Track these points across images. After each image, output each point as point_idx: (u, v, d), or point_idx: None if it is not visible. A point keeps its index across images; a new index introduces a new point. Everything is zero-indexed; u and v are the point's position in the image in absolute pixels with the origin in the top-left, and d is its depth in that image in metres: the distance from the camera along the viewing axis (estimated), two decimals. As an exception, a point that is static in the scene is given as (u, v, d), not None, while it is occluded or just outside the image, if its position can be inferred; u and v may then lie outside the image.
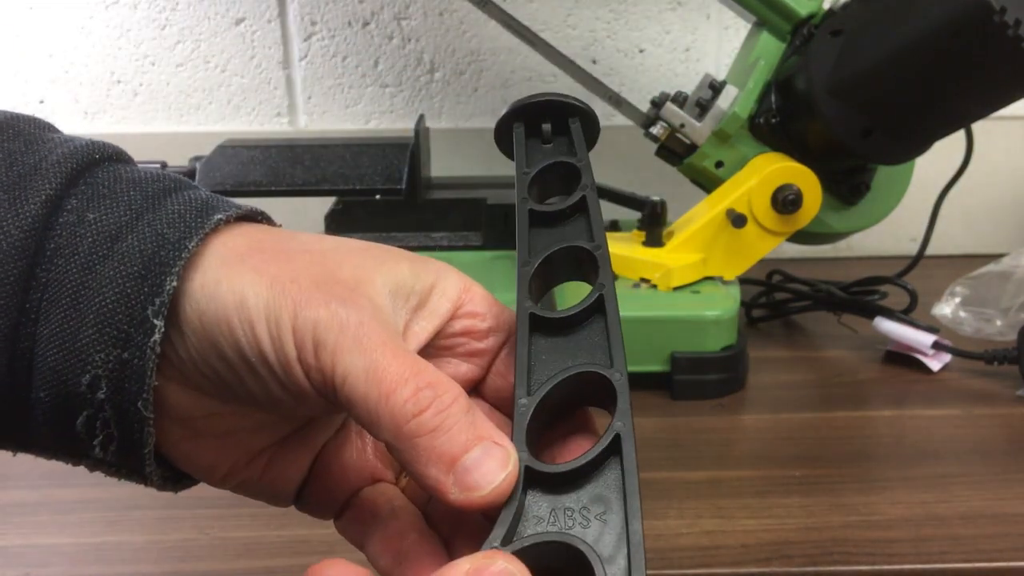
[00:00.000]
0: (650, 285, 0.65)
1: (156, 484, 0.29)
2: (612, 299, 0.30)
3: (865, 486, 0.51)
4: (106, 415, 0.26)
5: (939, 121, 0.62)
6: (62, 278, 0.25)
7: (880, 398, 0.63)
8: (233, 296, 0.26)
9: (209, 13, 0.88)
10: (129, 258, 0.26)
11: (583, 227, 0.34)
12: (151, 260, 0.26)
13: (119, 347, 0.25)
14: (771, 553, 0.44)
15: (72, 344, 0.25)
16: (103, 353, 0.25)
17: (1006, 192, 0.93)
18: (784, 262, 0.80)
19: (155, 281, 0.25)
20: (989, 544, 0.45)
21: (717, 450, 0.55)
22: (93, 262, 0.26)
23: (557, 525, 0.26)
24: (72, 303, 0.25)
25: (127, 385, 0.26)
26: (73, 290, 0.25)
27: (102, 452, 0.27)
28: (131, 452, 0.27)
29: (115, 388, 0.26)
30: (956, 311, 0.69)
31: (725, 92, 0.66)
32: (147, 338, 0.25)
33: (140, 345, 0.25)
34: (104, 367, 0.25)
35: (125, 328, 0.25)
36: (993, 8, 0.52)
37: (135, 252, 0.26)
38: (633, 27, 0.89)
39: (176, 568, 0.45)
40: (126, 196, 0.27)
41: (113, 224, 0.26)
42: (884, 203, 0.69)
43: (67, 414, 0.26)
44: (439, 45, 0.90)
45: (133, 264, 0.26)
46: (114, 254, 0.26)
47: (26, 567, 0.44)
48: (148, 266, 0.25)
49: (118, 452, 0.27)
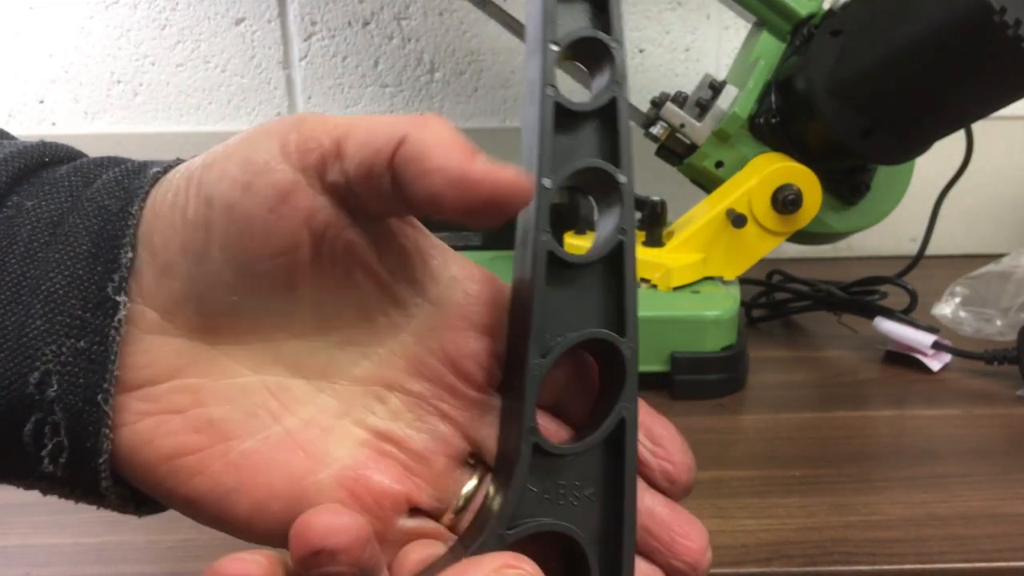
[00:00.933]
0: (650, 285, 0.65)
1: (114, 504, 0.26)
2: (631, 251, 0.26)
3: (865, 486, 0.51)
4: (56, 418, 0.24)
5: (939, 121, 0.62)
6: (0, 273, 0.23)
7: (880, 398, 0.62)
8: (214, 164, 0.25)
9: (209, 13, 0.88)
10: (75, 238, 0.24)
11: (605, 139, 0.27)
12: (99, 236, 0.24)
13: (73, 336, 0.23)
14: (771, 553, 0.44)
15: (16, 341, 0.23)
16: (54, 345, 0.23)
17: (1006, 192, 0.93)
18: (784, 262, 0.80)
19: (108, 256, 0.24)
20: (989, 544, 0.45)
21: (717, 450, 0.55)
22: (34, 250, 0.24)
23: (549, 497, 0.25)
24: (13, 297, 0.23)
25: (82, 379, 0.23)
26: (13, 283, 0.23)
27: (51, 464, 0.24)
28: (84, 462, 0.24)
29: (67, 384, 0.23)
30: (956, 311, 0.69)
31: (725, 92, 0.66)
32: (109, 319, 0.23)
33: (99, 329, 0.23)
34: (56, 360, 0.23)
35: (79, 314, 0.23)
36: (993, 8, 0.52)
37: (80, 231, 0.24)
38: (633, 27, 0.89)
39: (176, 568, 0.45)
40: (65, 182, 0.25)
41: (54, 210, 0.24)
42: (884, 203, 0.69)
43: (11, 425, 0.24)
44: (439, 45, 0.90)
45: (80, 244, 0.24)
46: (57, 238, 0.24)
47: (26, 567, 0.44)
48: (97, 243, 0.24)
49: (69, 464, 0.24)
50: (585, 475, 0.26)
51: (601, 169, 0.26)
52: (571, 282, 0.27)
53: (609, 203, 0.27)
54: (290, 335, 0.27)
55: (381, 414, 0.28)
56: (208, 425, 0.25)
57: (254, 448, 0.26)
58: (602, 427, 0.26)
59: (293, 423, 0.26)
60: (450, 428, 0.28)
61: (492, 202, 0.23)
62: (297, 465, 0.26)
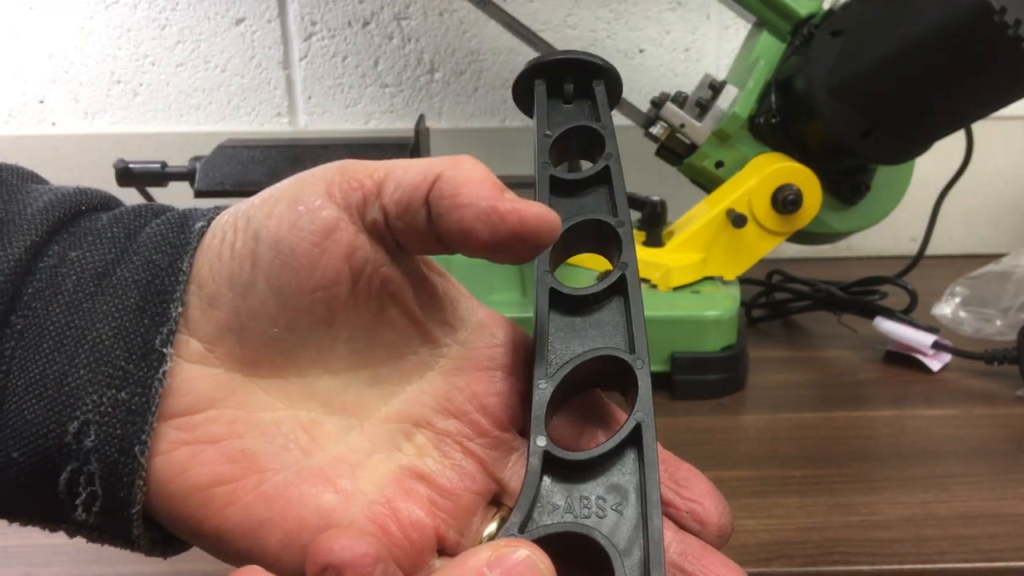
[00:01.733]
0: (650, 285, 0.65)
1: (144, 548, 0.26)
2: (635, 280, 0.29)
3: (865, 486, 0.51)
4: (91, 468, 0.24)
5: (939, 121, 0.62)
6: (43, 322, 0.24)
7: (880, 398, 0.62)
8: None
9: (209, 13, 0.88)
10: (123, 291, 0.24)
11: (605, 199, 0.31)
12: (147, 289, 0.24)
13: (114, 387, 0.24)
14: (771, 553, 0.44)
15: (58, 390, 0.23)
16: (96, 395, 0.24)
17: (1006, 192, 0.93)
18: (784, 262, 0.80)
19: (157, 310, 0.24)
20: (989, 544, 0.45)
21: (717, 450, 0.55)
22: (80, 300, 0.24)
23: (572, 513, 0.25)
24: (56, 346, 0.24)
25: (119, 430, 0.24)
26: (57, 332, 0.24)
27: (84, 513, 0.24)
28: (117, 511, 0.24)
29: (105, 435, 0.24)
30: (956, 311, 0.69)
31: (725, 92, 0.66)
32: (153, 371, 0.24)
33: (142, 380, 0.24)
34: (95, 411, 0.23)
35: (123, 365, 0.24)
36: (993, 8, 0.52)
37: (128, 283, 0.25)
38: (633, 27, 0.89)
39: (176, 568, 0.44)
40: (108, 233, 0.26)
41: (98, 261, 0.25)
42: (884, 203, 0.69)
43: (46, 473, 0.24)
44: (439, 45, 0.90)
45: (129, 297, 0.24)
46: (104, 290, 0.24)
47: (26, 567, 0.44)
48: (145, 296, 0.24)
49: (102, 512, 0.24)
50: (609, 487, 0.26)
51: (603, 221, 0.30)
52: (577, 312, 0.29)
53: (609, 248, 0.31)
54: (324, 371, 0.27)
55: (409, 451, 0.28)
56: (242, 456, 0.26)
57: (287, 481, 0.26)
58: (617, 433, 0.26)
59: (324, 458, 0.27)
60: (476, 465, 0.28)
61: (520, 236, 0.25)
62: (328, 500, 0.26)
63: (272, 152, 0.71)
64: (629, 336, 0.28)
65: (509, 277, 0.66)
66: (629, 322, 0.29)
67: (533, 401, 0.27)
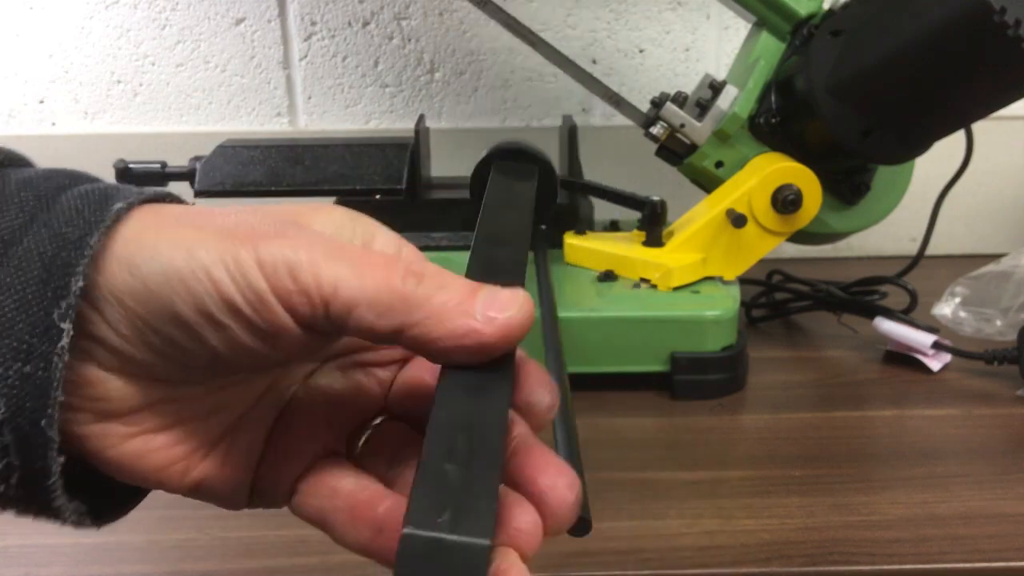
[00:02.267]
0: (650, 285, 0.65)
1: (71, 520, 0.26)
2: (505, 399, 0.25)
3: (865, 486, 0.51)
4: (5, 439, 0.23)
5: (939, 121, 0.62)
6: None
7: (880, 398, 0.62)
8: (179, 252, 0.24)
9: (209, 13, 0.88)
10: (27, 262, 0.24)
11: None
12: (52, 262, 0.24)
13: (20, 359, 0.23)
14: (771, 553, 0.44)
15: None
16: (1, 368, 0.23)
17: (1006, 192, 0.93)
18: (784, 262, 0.80)
19: (59, 283, 0.23)
20: (989, 544, 0.45)
21: (717, 450, 0.55)
22: None
23: None
24: None
25: (28, 403, 0.23)
26: None
27: (4, 483, 0.24)
28: (35, 483, 0.24)
29: (15, 408, 0.23)
30: (956, 311, 0.69)
31: (725, 92, 0.66)
32: (52, 345, 0.23)
33: (44, 355, 0.23)
34: (3, 383, 0.23)
35: (27, 339, 0.23)
36: (993, 8, 0.52)
37: (33, 255, 0.24)
38: (633, 27, 0.89)
39: (176, 568, 0.45)
40: (17, 198, 0.25)
41: (5, 228, 0.24)
42: (884, 203, 0.69)
43: None
44: (439, 45, 0.90)
45: (32, 268, 0.24)
46: (9, 260, 0.24)
47: (26, 567, 0.44)
48: (49, 268, 0.23)
49: (20, 485, 0.24)
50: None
51: None
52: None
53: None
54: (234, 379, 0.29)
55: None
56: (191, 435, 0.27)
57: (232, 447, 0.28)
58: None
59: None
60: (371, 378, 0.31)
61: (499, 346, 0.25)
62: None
63: (272, 152, 0.71)
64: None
65: (509, 277, 0.66)
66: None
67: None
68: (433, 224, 0.73)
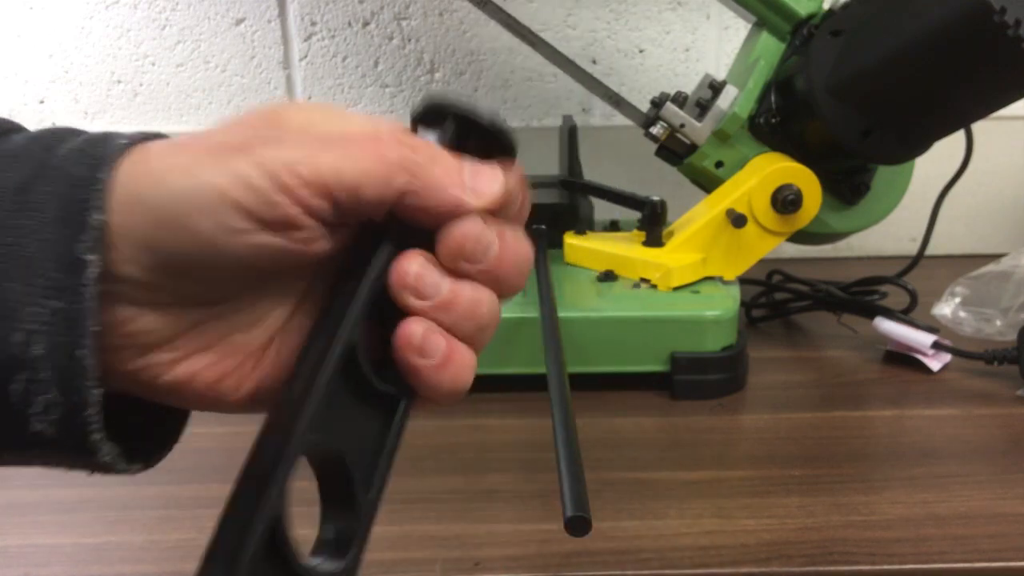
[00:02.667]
0: (650, 285, 0.65)
1: (106, 459, 0.26)
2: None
3: (865, 486, 0.51)
4: (44, 375, 0.24)
5: (939, 121, 0.62)
6: None
7: (880, 398, 0.63)
8: (181, 176, 0.25)
9: (209, 13, 0.88)
10: (44, 205, 0.25)
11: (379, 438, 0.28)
12: (67, 201, 0.25)
13: (50, 296, 0.24)
14: (771, 553, 0.44)
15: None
16: (33, 307, 0.24)
17: (1006, 192, 0.93)
18: (784, 262, 0.80)
19: (77, 219, 0.24)
20: (989, 544, 0.45)
21: (717, 450, 0.55)
22: (3, 218, 0.25)
23: None
24: None
25: (62, 336, 0.24)
26: None
27: (43, 423, 0.25)
28: (75, 417, 0.25)
29: (51, 343, 0.24)
30: (956, 311, 0.69)
31: (725, 92, 0.66)
32: (79, 278, 0.24)
33: (73, 288, 0.24)
34: (37, 320, 0.24)
35: (54, 275, 0.24)
36: (993, 8, 0.52)
37: (48, 198, 0.25)
38: (633, 27, 0.90)
39: (176, 568, 0.45)
40: (24, 152, 0.26)
41: (18, 179, 0.25)
42: (884, 203, 0.69)
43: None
44: (439, 45, 0.90)
45: (49, 210, 0.25)
46: (27, 205, 0.25)
47: (26, 567, 0.44)
48: (66, 207, 0.25)
49: (61, 422, 0.25)
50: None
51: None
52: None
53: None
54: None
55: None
56: (236, 350, 0.28)
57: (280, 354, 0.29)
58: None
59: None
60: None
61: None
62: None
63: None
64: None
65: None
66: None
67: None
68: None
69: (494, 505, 0.49)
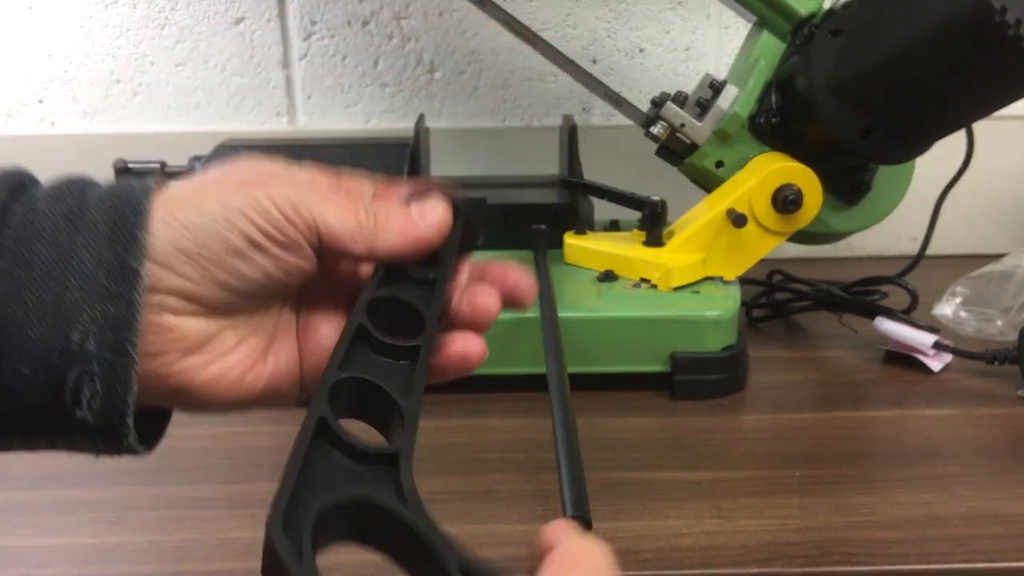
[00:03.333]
0: (650, 285, 0.65)
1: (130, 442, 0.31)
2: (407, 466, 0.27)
3: (865, 486, 0.51)
4: (93, 369, 0.29)
5: (939, 121, 0.62)
6: (30, 259, 0.29)
7: (880, 398, 0.62)
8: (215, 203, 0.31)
9: (209, 13, 0.88)
10: (95, 227, 0.30)
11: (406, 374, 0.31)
12: (115, 224, 0.30)
13: (103, 302, 0.29)
14: (771, 553, 0.44)
15: (57, 310, 0.29)
16: (88, 311, 0.29)
17: (1006, 192, 0.93)
18: (784, 262, 0.80)
19: (127, 237, 0.30)
20: (990, 544, 0.45)
21: (717, 450, 0.55)
22: (60, 239, 0.29)
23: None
24: (47, 276, 0.29)
25: (112, 336, 0.29)
26: (46, 266, 0.29)
27: (87, 410, 0.29)
28: (113, 404, 0.29)
29: (101, 341, 0.29)
30: (957, 311, 0.69)
31: (725, 92, 0.66)
32: (131, 287, 0.29)
33: (124, 295, 0.29)
34: (92, 322, 0.29)
35: (105, 284, 0.29)
36: (993, 8, 0.52)
37: (98, 221, 0.30)
38: (633, 27, 0.89)
39: (176, 568, 0.45)
40: (64, 190, 0.31)
41: (66, 208, 0.30)
42: (884, 203, 0.69)
43: (52, 380, 0.29)
44: (439, 45, 0.90)
45: (100, 231, 0.30)
46: (78, 229, 0.30)
47: (26, 567, 0.44)
48: (114, 229, 0.30)
49: (101, 408, 0.29)
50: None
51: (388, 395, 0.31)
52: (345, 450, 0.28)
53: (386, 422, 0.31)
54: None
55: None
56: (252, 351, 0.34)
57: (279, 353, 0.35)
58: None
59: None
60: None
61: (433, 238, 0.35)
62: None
63: (272, 152, 0.70)
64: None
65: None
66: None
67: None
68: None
69: (494, 505, 0.49)
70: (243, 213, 0.31)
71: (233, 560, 0.45)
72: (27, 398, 0.29)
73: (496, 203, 0.73)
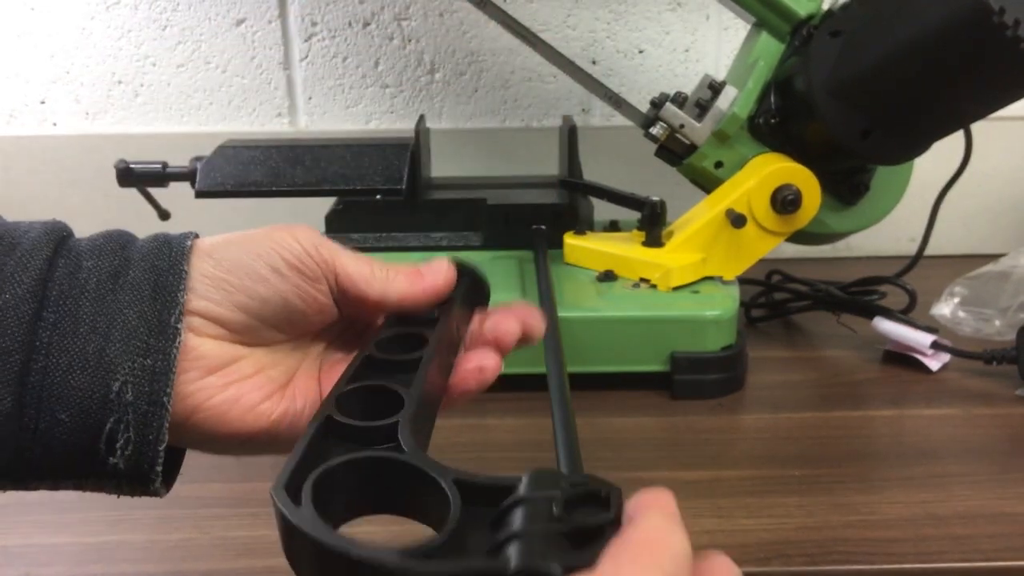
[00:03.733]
0: (650, 285, 0.65)
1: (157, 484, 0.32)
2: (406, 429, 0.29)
3: (864, 486, 0.51)
4: (129, 418, 0.31)
5: (938, 121, 0.62)
6: (76, 313, 0.31)
7: (879, 398, 0.63)
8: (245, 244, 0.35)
9: (210, 14, 0.88)
10: (137, 287, 0.32)
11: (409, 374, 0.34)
12: (157, 284, 0.32)
13: (142, 356, 0.31)
14: (771, 553, 0.45)
15: (98, 362, 0.31)
16: (129, 363, 0.31)
17: (1004, 192, 0.93)
18: (784, 262, 0.80)
19: (168, 297, 0.32)
20: (988, 544, 0.45)
21: (717, 450, 0.55)
22: (103, 295, 0.32)
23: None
24: (91, 330, 0.31)
25: (148, 387, 0.31)
26: (90, 320, 0.31)
27: (118, 458, 0.31)
28: (145, 451, 0.31)
29: (138, 392, 0.31)
30: (955, 311, 0.69)
31: (725, 93, 0.66)
32: (171, 343, 0.32)
33: (163, 350, 0.31)
34: (131, 374, 0.31)
35: (146, 339, 0.31)
36: (992, 8, 0.52)
37: (141, 281, 0.32)
38: (633, 28, 0.90)
39: (176, 568, 0.45)
40: (106, 248, 0.33)
41: (109, 267, 0.32)
42: (883, 203, 0.69)
43: (89, 428, 0.31)
44: (439, 46, 0.90)
45: (143, 290, 0.32)
46: (121, 287, 0.32)
47: (26, 567, 0.44)
48: (156, 288, 0.32)
49: (132, 455, 0.31)
50: None
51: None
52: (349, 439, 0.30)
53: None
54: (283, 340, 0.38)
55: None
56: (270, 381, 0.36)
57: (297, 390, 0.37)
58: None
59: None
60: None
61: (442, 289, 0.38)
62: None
63: (273, 152, 0.71)
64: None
65: (508, 277, 0.66)
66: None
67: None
68: (433, 224, 0.73)
69: (494, 505, 0.49)
70: (270, 247, 0.35)
71: (233, 560, 0.45)
72: (64, 444, 0.31)
73: (496, 203, 0.73)
